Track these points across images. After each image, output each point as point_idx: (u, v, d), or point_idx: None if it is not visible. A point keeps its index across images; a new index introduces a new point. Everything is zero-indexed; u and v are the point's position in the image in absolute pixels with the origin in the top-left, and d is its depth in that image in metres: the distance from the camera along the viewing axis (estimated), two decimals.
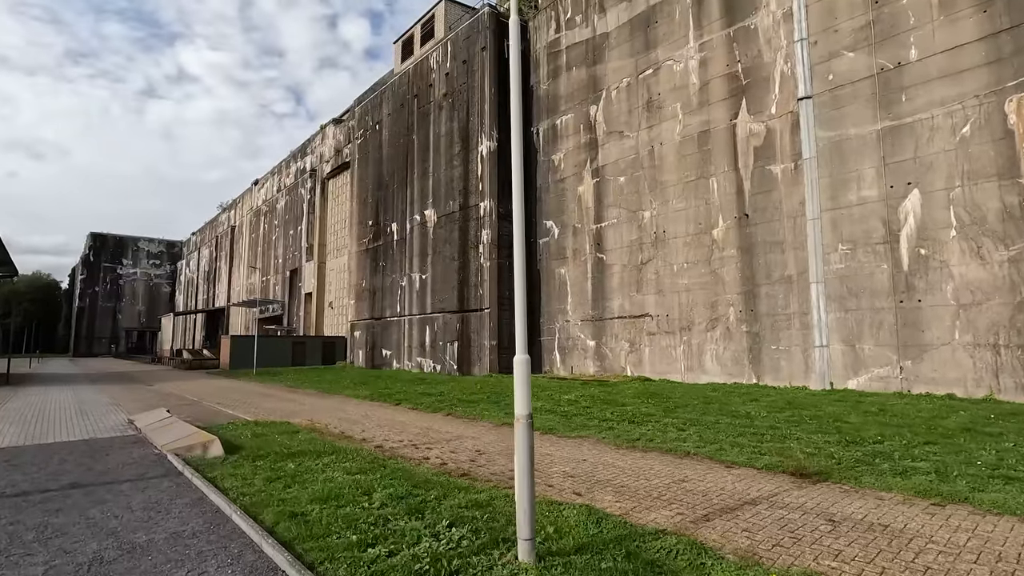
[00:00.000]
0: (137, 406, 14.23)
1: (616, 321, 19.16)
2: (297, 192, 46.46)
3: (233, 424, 10.12)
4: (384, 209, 29.05)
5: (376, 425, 9.96)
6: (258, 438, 8.45)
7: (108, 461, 7.31)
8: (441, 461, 6.89)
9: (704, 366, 16.45)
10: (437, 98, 25.40)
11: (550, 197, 22.13)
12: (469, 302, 22.36)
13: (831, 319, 13.83)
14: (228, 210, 66.83)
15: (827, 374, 13.80)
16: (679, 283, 17.31)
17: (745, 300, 15.64)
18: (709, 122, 16.88)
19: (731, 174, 16.21)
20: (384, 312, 28.31)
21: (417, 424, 10.02)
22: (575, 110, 21.37)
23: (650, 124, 18.58)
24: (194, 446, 7.27)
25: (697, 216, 16.99)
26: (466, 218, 22.91)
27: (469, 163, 23.05)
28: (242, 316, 56.41)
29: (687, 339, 16.94)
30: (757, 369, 15.25)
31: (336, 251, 40.68)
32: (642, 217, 18.58)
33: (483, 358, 21.37)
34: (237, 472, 6.09)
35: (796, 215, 14.69)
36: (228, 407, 13.64)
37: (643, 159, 18.70)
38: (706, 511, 4.70)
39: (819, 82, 14.46)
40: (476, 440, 8.33)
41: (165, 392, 18.93)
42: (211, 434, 7.92)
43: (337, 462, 6.58)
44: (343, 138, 41.13)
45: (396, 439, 8.52)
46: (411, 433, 9.05)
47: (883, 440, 7.27)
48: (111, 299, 79.96)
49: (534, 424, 10.01)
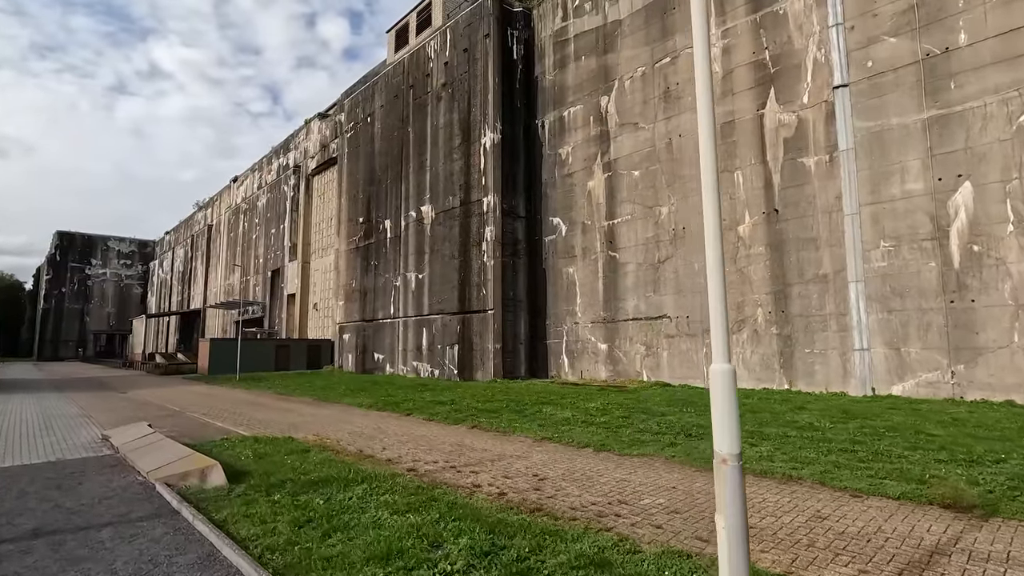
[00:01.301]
0: (111, 418, 12.64)
1: (631, 323, 18.12)
2: (280, 189, 44.58)
3: (228, 441, 8.72)
4: (376, 205, 27.60)
5: (397, 441, 8.67)
6: (263, 459, 7.11)
7: (81, 493, 5.91)
8: (498, 490, 5.67)
9: None
10: (435, 88, 24.13)
11: (557, 193, 21.03)
12: (471, 303, 21.10)
13: (872, 320, 12.97)
14: (205, 208, 64.25)
15: (868, 379, 12.92)
16: (700, 283, 16.33)
17: (775, 300, 14.73)
18: (733, 113, 15.97)
19: (758, 167, 15.31)
20: (376, 314, 26.84)
21: (443, 439, 8.76)
22: (584, 101, 20.32)
23: (668, 115, 17.62)
24: (189, 473, 5.92)
25: (720, 212, 16.02)
26: (467, 214, 21.67)
27: (471, 156, 21.82)
28: (219, 318, 54.05)
29: (710, 342, 15.93)
30: (789, 374, 14.33)
31: (322, 250, 38.96)
32: (659, 213, 17.58)
33: (486, 362, 20.11)
34: (252, 512, 4.77)
35: (832, 210, 13.83)
36: (216, 418, 12.16)
37: (660, 152, 17.72)
38: (897, 568, 3.58)
39: (856, 69, 13.64)
40: (524, 460, 7.12)
41: (141, 400, 17.24)
42: (208, 457, 6.55)
43: (373, 493, 5.33)
44: (329, 133, 39.48)
45: (428, 459, 7.26)
46: (442, 451, 7.80)
47: (1005, 458, 6.29)
48: (78, 301, 76.31)
49: (573, 437, 8.87)
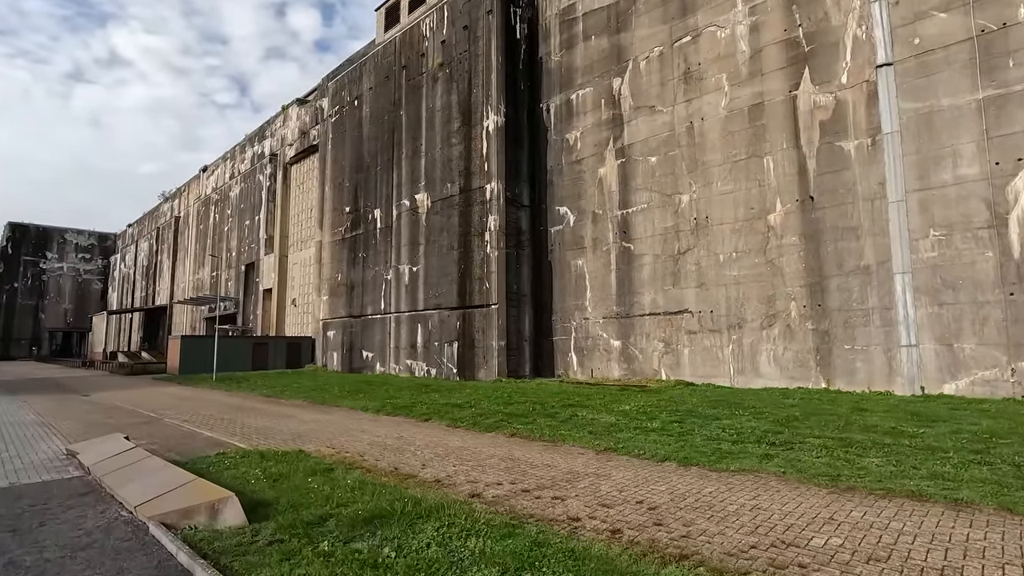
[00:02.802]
0: (75, 427, 10.88)
1: (647, 318, 17.03)
2: (255, 179, 42.23)
3: (226, 457, 7.21)
4: (365, 194, 25.92)
5: (433, 455, 7.30)
6: (280, 483, 5.67)
7: (44, 540, 4.40)
8: (608, 526, 4.40)
9: (759, 368, 14.53)
10: (431, 69, 22.62)
11: (564, 180, 19.81)
12: (472, 297, 19.72)
13: (921, 315, 12.13)
14: (171, 199, 60.96)
15: (916, 377, 12.09)
16: (726, 275, 15.35)
17: (810, 293, 13.81)
18: (763, 94, 15.00)
19: (791, 152, 14.37)
20: (365, 309, 25.19)
21: (485, 451, 7.43)
22: (595, 83, 19.14)
23: (688, 98, 16.57)
24: (194, 509, 4.47)
25: (748, 199, 15.07)
26: (468, 202, 20.27)
27: (472, 140, 20.42)
28: (188, 315, 51.20)
29: (737, 338, 14.99)
30: (826, 372, 13.43)
31: (301, 243, 36.91)
32: (679, 201, 16.53)
33: (490, 361, 18.78)
34: (304, 574, 3.38)
35: (874, 197, 12.96)
36: (202, 426, 10.54)
37: (680, 137, 16.66)
38: None
39: (902, 47, 12.78)
40: (607, 480, 5.86)
41: (108, 404, 15.35)
42: (216, 484, 5.08)
43: (453, 536, 4.00)
44: (309, 119, 37.43)
45: (487, 480, 5.93)
46: (495, 468, 6.48)
47: None
48: (32, 296, 71.74)
49: (639, 447, 7.51)
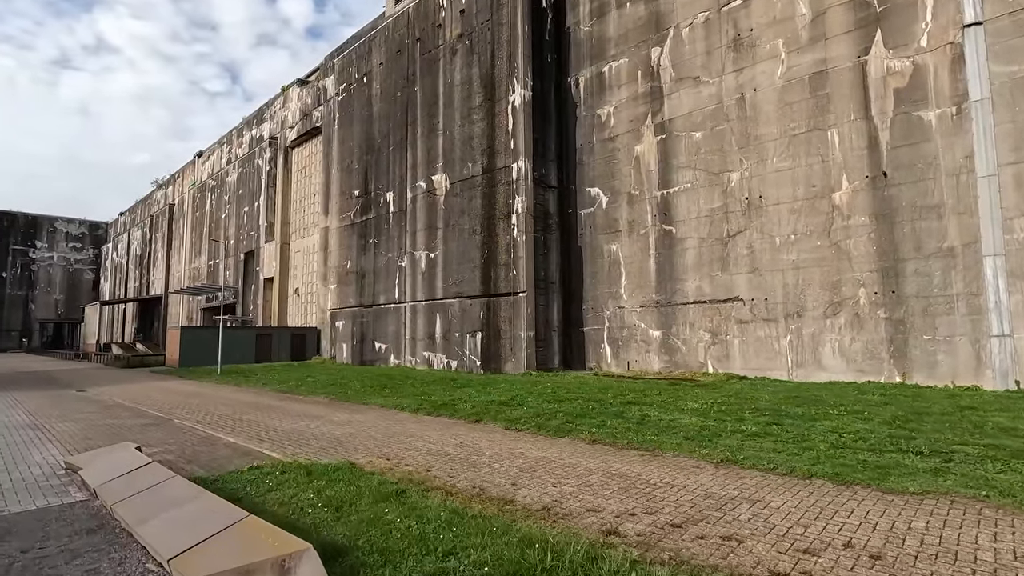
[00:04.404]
0: (74, 431, 9.54)
1: (691, 307, 15.81)
2: (253, 163, 40.53)
3: (263, 472, 5.91)
4: (376, 176, 24.45)
5: (516, 469, 6.04)
6: (344, 513, 4.40)
7: None
8: None
9: (821, 360, 13.35)
10: (449, 40, 21.11)
11: (595, 159, 18.47)
12: (497, 284, 18.42)
13: (1016, 301, 10.95)
14: (165, 186, 59.04)
15: (1011, 371, 10.93)
16: (783, 259, 14.12)
17: (882, 278, 12.61)
18: (826, 61, 13.69)
19: (859, 123, 13.09)
20: (377, 298, 23.83)
21: (580, 464, 6.18)
22: (630, 54, 17.74)
23: (739, 67, 15.23)
24: (256, 569, 3.18)
25: (809, 177, 13.81)
26: (492, 183, 18.89)
27: (495, 116, 19.00)
28: (184, 305, 49.62)
29: (796, 328, 13.79)
30: (901, 364, 12.26)
31: (303, 229, 35.40)
32: (728, 180, 15.25)
33: (518, 352, 17.52)
34: None
35: (959, 171, 11.73)
36: (221, 430, 9.22)
37: (729, 110, 15.34)
38: None
39: (994, 4, 11.49)
40: (768, 508, 4.62)
41: (107, 401, 13.99)
42: (276, 526, 3.78)
43: None
44: (311, 100, 35.75)
45: (612, 508, 4.68)
46: (610, 489, 5.22)
47: None
48: (22, 287, 69.75)
49: (767, 459, 5.66)
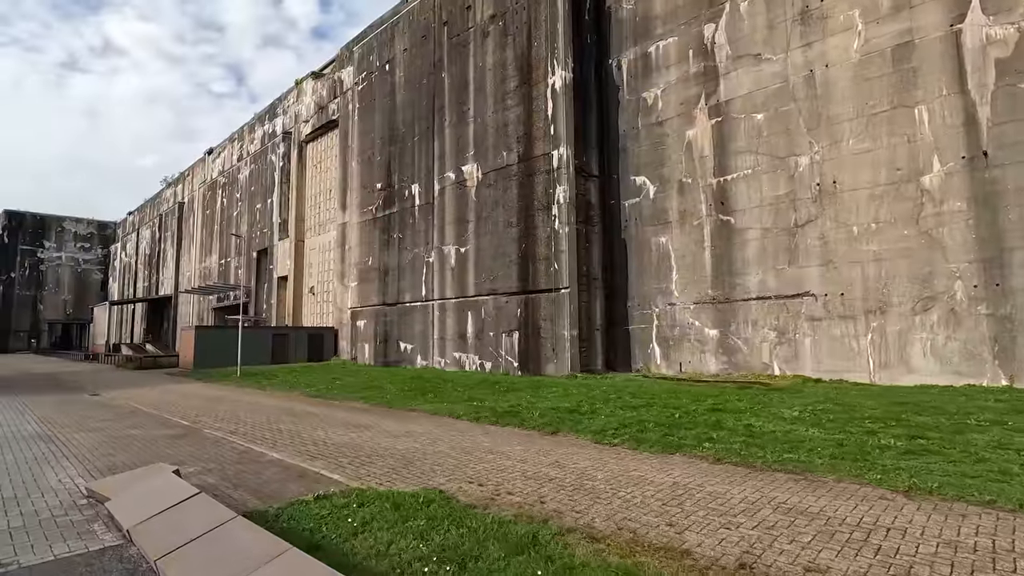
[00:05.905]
0: (93, 443, 8.38)
1: (754, 303, 14.55)
2: (266, 159, 39.49)
3: (335, 504, 4.73)
4: (399, 168, 23.30)
5: (656, 500, 4.83)
6: (467, 571, 3.19)
7: None
8: None
9: (910, 361, 12.07)
10: (480, 22, 19.93)
11: (640, 146, 17.24)
12: (536, 280, 17.21)
13: None
14: (174, 184, 58.14)
15: None
16: (862, 250, 12.85)
17: (983, 270, 11.33)
18: (911, 31, 12.42)
19: (953, 99, 11.81)
20: (401, 296, 22.67)
21: (728, 493, 4.98)
22: (680, 32, 16.50)
23: (807, 41, 13.97)
24: None
25: (892, 159, 12.54)
26: (529, 171, 17.69)
27: (533, 100, 17.80)
28: (194, 305, 48.68)
29: (879, 325, 12.51)
30: (1008, 366, 10.97)
31: (319, 226, 34.30)
32: (795, 164, 13.99)
33: (561, 353, 16.30)
34: None
35: None
36: (261, 442, 8.04)
37: (796, 88, 14.08)
38: None
39: None
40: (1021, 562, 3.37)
41: (123, 407, 12.87)
42: None
43: None
44: (327, 93, 34.65)
45: (821, 560, 3.45)
46: (793, 529, 4.02)
47: None
48: (30, 287, 69.08)
49: (939, 483, 4.47)
